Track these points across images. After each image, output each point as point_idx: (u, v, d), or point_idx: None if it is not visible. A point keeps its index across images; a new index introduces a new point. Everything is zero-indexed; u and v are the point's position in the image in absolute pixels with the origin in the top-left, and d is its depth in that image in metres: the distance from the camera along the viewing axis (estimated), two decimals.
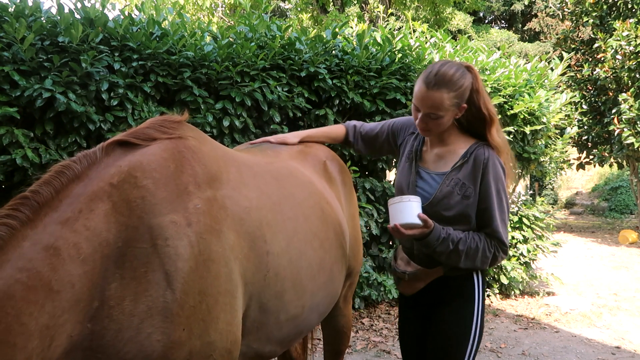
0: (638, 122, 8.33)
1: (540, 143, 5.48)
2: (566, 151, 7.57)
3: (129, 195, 1.26)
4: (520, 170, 5.63)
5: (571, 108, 9.83)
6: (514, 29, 24.31)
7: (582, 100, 10.06)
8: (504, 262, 5.03)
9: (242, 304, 1.44)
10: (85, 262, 1.16)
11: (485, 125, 1.74)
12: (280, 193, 1.70)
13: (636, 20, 8.74)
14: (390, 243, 4.59)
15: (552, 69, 5.66)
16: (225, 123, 3.57)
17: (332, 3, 13.84)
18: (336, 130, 2.21)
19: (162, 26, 3.64)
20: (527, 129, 5.16)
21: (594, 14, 9.84)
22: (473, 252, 1.69)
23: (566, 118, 8.69)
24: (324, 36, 4.26)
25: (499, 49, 5.51)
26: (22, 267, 1.08)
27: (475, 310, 1.79)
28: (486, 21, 26.21)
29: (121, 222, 1.23)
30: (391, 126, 2.05)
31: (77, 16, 3.28)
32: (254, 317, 1.51)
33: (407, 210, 1.63)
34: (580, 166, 10.82)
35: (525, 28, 22.91)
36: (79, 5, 3.33)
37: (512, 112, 5.08)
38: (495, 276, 5.17)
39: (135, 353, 1.20)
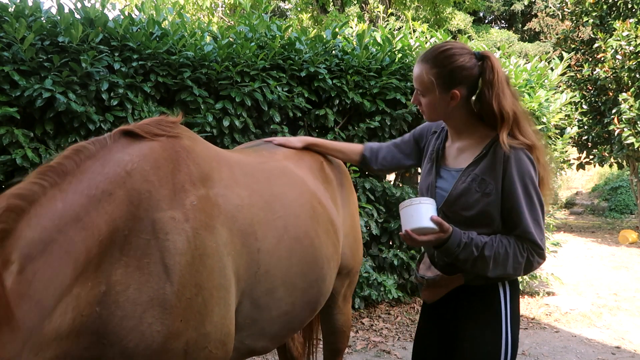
0: (638, 122, 8.32)
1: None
2: (566, 151, 7.56)
3: (140, 186, 1.31)
4: None
5: (571, 108, 9.83)
6: (514, 29, 24.31)
7: (582, 100, 10.05)
8: None
9: (234, 299, 1.48)
10: (101, 244, 1.20)
11: (497, 124, 1.54)
12: (271, 192, 1.74)
13: (636, 20, 8.74)
14: (390, 243, 4.59)
15: (552, 69, 5.66)
16: (225, 123, 3.57)
17: (332, 3, 13.84)
18: (352, 147, 2.07)
19: (162, 26, 3.64)
20: None
21: (594, 14, 9.83)
22: (503, 258, 1.47)
23: (566, 118, 8.68)
24: (324, 36, 4.26)
25: (499, 49, 5.51)
26: (59, 227, 1.13)
27: (503, 326, 1.56)
28: (486, 21, 26.21)
29: (131, 212, 1.27)
30: (414, 133, 1.93)
31: (77, 16, 3.28)
32: (246, 312, 1.55)
33: (418, 214, 1.48)
34: (580, 166, 10.82)
35: (525, 28, 22.91)
36: (79, 5, 3.33)
37: None
38: None
39: (137, 342, 1.24)
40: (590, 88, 9.99)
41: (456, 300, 1.65)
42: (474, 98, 1.62)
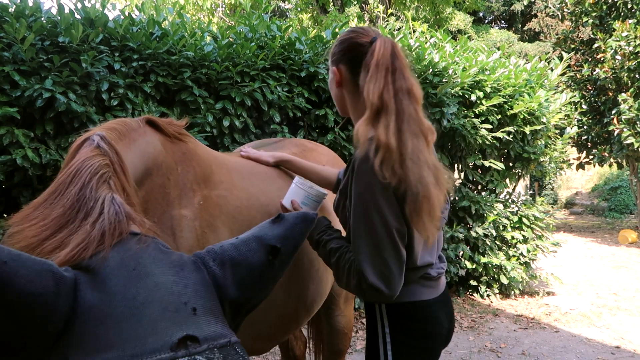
0: (638, 122, 8.33)
1: (540, 143, 5.49)
2: (566, 151, 7.57)
3: (162, 182, 1.37)
4: (520, 170, 5.64)
5: (571, 108, 9.84)
6: (513, 29, 24.30)
7: (581, 100, 10.06)
8: (504, 262, 5.04)
9: None
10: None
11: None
12: (268, 194, 1.76)
13: (636, 20, 8.75)
14: None
15: (551, 69, 5.66)
16: (225, 123, 3.57)
17: (332, 3, 13.84)
18: (326, 171, 1.83)
19: (162, 26, 3.64)
20: (527, 129, 5.16)
21: (593, 14, 9.84)
22: (342, 272, 1.32)
23: (566, 118, 8.70)
24: (324, 36, 4.26)
25: (498, 49, 5.52)
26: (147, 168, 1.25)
27: (380, 350, 1.37)
28: (486, 21, 26.20)
29: (160, 202, 1.34)
30: None
31: (77, 16, 3.28)
32: None
33: (290, 193, 1.60)
34: (580, 166, 10.83)
35: (525, 28, 22.91)
36: (79, 5, 3.33)
37: (512, 112, 5.09)
38: (495, 276, 5.17)
39: None
40: (590, 88, 10.00)
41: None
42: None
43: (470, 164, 5.19)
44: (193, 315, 0.77)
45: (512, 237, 5.20)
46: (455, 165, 5.25)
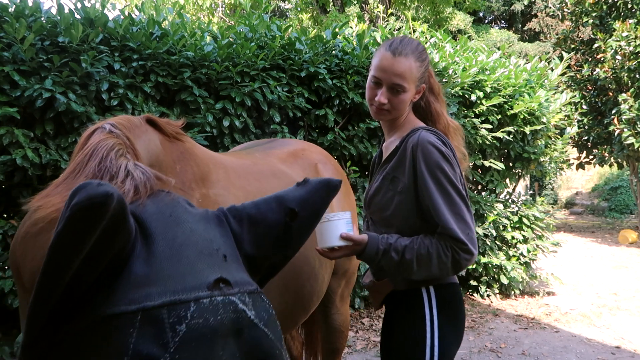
0: (638, 123, 8.33)
1: (540, 143, 5.49)
2: (566, 151, 7.57)
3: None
4: (520, 170, 5.64)
5: (571, 108, 9.83)
6: (514, 29, 24.30)
7: (582, 101, 10.06)
8: (504, 262, 5.03)
9: None
10: None
11: (427, 117, 1.58)
12: (264, 193, 1.75)
13: (636, 20, 8.75)
14: None
15: (552, 69, 5.66)
16: (225, 123, 3.57)
17: (332, 3, 13.84)
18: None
19: (162, 26, 3.64)
20: (527, 129, 5.16)
21: (593, 14, 9.84)
22: (425, 260, 1.38)
23: (566, 118, 8.70)
24: (324, 36, 4.26)
25: (499, 49, 5.52)
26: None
27: (427, 332, 1.44)
28: (486, 21, 26.20)
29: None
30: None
31: (77, 16, 3.28)
32: None
33: (328, 232, 1.43)
34: (580, 166, 10.83)
35: (525, 28, 22.90)
36: (79, 5, 3.33)
37: (512, 112, 5.09)
38: (495, 276, 5.17)
39: None
40: (590, 88, 10.00)
41: (388, 305, 1.61)
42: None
43: (470, 164, 5.19)
44: (224, 261, 0.83)
45: (512, 237, 5.19)
46: None
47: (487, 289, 5.24)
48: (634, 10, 9.15)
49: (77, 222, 0.65)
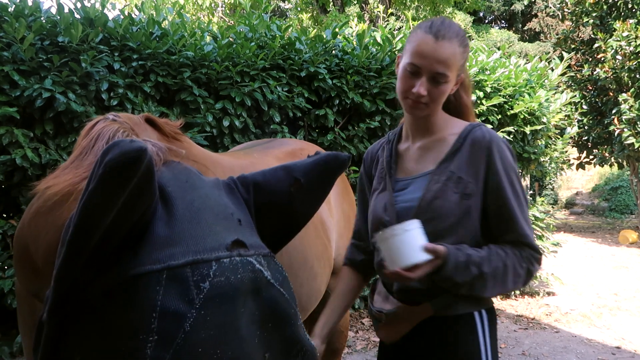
0: (638, 122, 8.33)
1: (540, 143, 5.48)
2: (566, 151, 7.57)
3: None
4: (520, 171, 5.64)
5: (571, 108, 9.83)
6: (514, 29, 24.30)
7: (582, 101, 10.05)
8: None
9: None
10: None
11: (461, 111, 1.40)
12: None
13: (636, 20, 8.74)
14: None
15: (552, 69, 5.66)
16: (225, 123, 3.57)
17: (332, 3, 13.83)
18: (348, 283, 1.56)
19: (162, 26, 3.64)
20: (527, 129, 5.16)
21: (594, 14, 9.84)
22: (502, 273, 1.19)
23: (566, 118, 8.69)
24: (324, 36, 4.26)
25: (499, 49, 5.51)
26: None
27: None
28: (486, 21, 26.20)
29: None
30: (361, 183, 1.55)
31: (77, 16, 3.28)
32: None
33: (406, 246, 1.14)
34: (580, 166, 10.82)
35: (525, 28, 22.90)
36: (78, 5, 3.33)
37: (512, 112, 5.08)
38: None
39: None
40: (591, 88, 10.00)
41: (423, 337, 1.30)
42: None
43: None
44: (239, 225, 0.87)
45: None
46: None
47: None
48: (634, 10, 9.15)
49: (112, 178, 0.66)
